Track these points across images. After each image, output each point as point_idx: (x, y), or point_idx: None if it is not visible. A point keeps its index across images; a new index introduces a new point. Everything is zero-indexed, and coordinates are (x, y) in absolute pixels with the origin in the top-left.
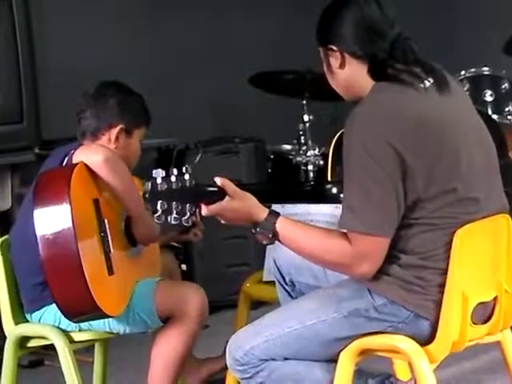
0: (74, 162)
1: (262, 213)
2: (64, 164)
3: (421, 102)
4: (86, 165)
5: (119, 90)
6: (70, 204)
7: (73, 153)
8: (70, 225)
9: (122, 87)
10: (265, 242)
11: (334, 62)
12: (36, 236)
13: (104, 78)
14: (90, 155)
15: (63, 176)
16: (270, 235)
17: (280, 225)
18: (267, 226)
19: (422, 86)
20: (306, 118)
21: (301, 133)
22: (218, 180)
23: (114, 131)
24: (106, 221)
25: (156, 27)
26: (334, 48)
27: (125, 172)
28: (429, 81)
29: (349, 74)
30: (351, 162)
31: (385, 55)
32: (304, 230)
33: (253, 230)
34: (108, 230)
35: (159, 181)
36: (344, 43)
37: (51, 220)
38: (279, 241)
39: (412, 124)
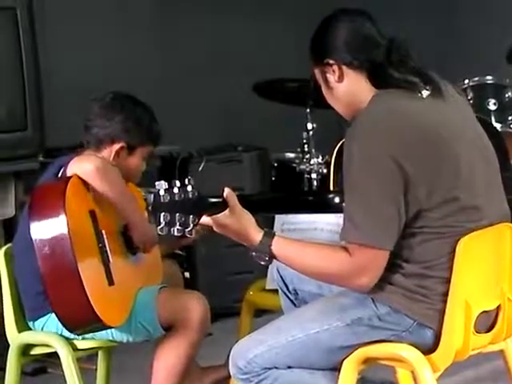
0: (68, 174)
1: (256, 235)
2: (59, 175)
3: (421, 111)
4: (80, 177)
5: (129, 104)
6: (66, 217)
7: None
8: (66, 237)
9: (132, 102)
10: (263, 263)
11: (332, 76)
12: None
13: (107, 86)
14: (81, 166)
15: (58, 189)
16: (267, 257)
17: (276, 246)
18: (263, 248)
19: (420, 95)
20: (309, 126)
21: (304, 141)
22: (226, 190)
23: (115, 147)
24: (103, 232)
25: (159, 35)
26: (330, 61)
27: (117, 179)
28: (427, 90)
29: (348, 87)
30: (352, 173)
31: (382, 58)
32: (301, 247)
33: (249, 252)
34: (106, 241)
35: (162, 193)
36: (340, 55)
37: (47, 234)
38: (277, 260)
39: (413, 135)
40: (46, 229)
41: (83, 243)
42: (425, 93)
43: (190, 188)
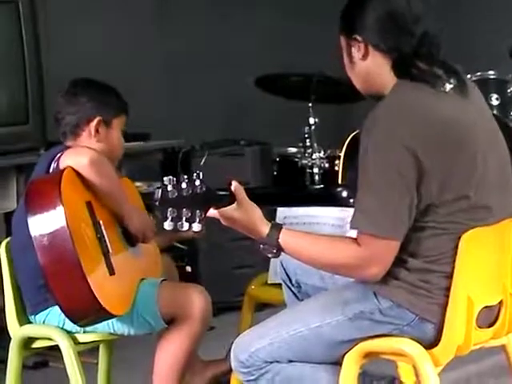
0: (61, 166)
1: (263, 228)
2: (52, 169)
3: (442, 105)
4: (74, 169)
5: (90, 85)
6: (63, 207)
7: (59, 157)
8: (65, 227)
9: (92, 82)
10: (270, 256)
11: (357, 52)
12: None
13: (110, 80)
14: (76, 158)
15: (53, 182)
16: (275, 250)
17: (283, 238)
18: (270, 240)
19: (443, 88)
20: (311, 120)
21: (306, 135)
22: (233, 184)
23: (93, 124)
24: (101, 222)
25: (161, 29)
26: (359, 38)
27: (111, 172)
28: (450, 83)
29: (370, 66)
30: (368, 162)
31: (410, 51)
32: (308, 238)
33: (257, 245)
34: (104, 231)
35: (170, 188)
36: (369, 35)
37: (46, 225)
38: (286, 253)
39: (433, 129)
40: (44, 221)
41: (81, 233)
42: (448, 86)
43: (198, 182)
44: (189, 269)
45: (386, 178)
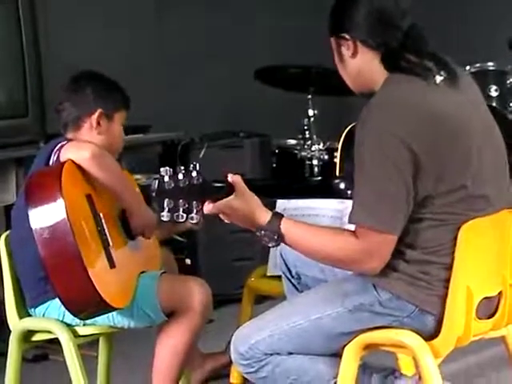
0: (61, 159)
1: (265, 215)
2: (51, 161)
3: (435, 98)
4: (74, 162)
5: (93, 77)
6: (63, 200)
7: (59, 149)
8: (65, 219)
9: (95, 75)
10: (270, 245)
11: (346, 51)
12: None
13: (109, 73)
14: (77, 153)
15: (53, 175)
16: (276, 237)
17: (285, 226)
18: (272, 227)
19: (433, 80)
20: (310, 112)
21: (305, 127)
22: (230, 176)
23: (95, 116)
24: (101, 215)
25: (160, 21)
26: (347, 37)
27: (113, 165)
28: (441, 75)
29: (361, 64)
30: (364, 157)
31: (397, 44)
32: (309, 229)
33: (257, 233)
34: (105, 225)
35: (166, 179)
36: (357, 32)
37: (46, 218)
38: (285, 242)
39: (428, 122)
40: (44, 214)
41: (81, 225)
42: (438, 78)
43: (194, 174)
44: (188, 261)
45: (383, 171)
